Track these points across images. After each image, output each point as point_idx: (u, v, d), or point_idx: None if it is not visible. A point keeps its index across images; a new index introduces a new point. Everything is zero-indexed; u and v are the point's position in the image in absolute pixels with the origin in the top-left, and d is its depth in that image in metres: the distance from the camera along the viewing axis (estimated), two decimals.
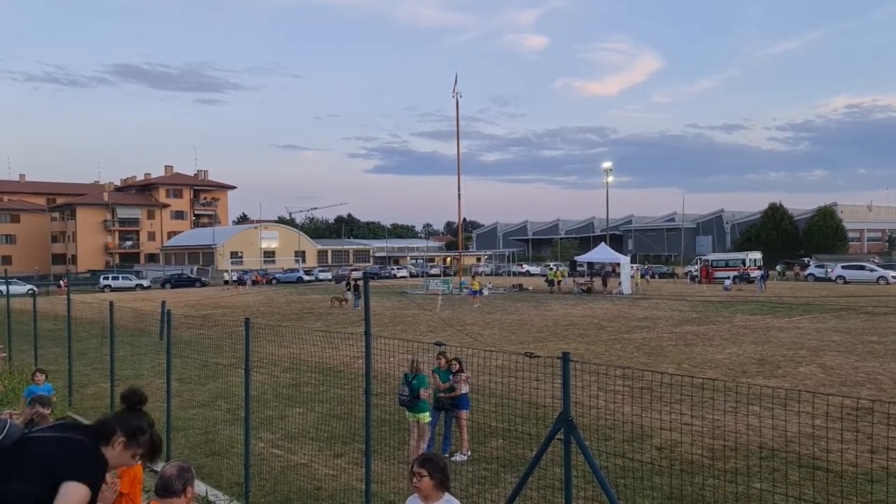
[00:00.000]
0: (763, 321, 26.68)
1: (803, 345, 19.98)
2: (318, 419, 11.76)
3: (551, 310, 33.69)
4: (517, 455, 9.55)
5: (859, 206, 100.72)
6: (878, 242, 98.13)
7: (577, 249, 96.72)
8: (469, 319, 28.98)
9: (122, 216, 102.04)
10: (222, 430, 11.28)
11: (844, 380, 14.80)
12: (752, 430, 10.44)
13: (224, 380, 14.76)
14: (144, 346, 19.06)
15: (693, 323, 26.41)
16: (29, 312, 17.25)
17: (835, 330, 23.37)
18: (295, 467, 9.24)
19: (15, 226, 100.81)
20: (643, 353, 18.90)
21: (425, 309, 32.37)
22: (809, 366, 16.55)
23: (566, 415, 4.67)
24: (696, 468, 8.82)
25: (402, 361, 14.54)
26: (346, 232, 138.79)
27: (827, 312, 29.63)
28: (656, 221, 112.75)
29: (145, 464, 5.15)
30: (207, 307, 38.51)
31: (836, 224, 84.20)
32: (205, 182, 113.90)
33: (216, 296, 51.58)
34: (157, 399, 13.49)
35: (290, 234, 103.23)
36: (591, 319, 28.55)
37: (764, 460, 9.15)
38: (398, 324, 27.61)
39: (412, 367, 9.22)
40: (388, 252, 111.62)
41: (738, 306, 33.49)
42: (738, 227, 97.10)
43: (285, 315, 33.37)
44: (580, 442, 4.64)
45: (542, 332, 24.56)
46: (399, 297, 42.35)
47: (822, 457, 9.21)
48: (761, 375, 15.35)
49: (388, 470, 8.95)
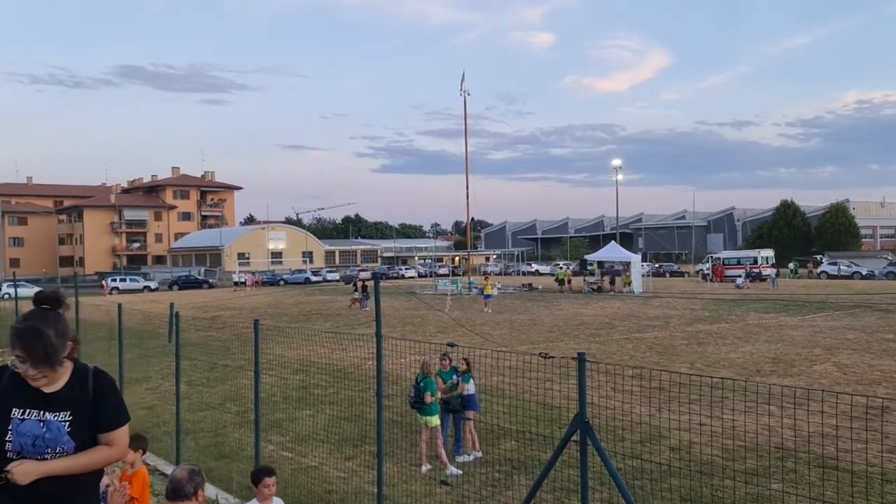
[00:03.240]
0: (776, 319, 26.44)
1: (818, 343, 19.76)
2: (329, 421, 11.67)
3: (562, 309, 33.53)
4: (530, 457, 9.43)
5: (872, 203, 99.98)
6: (891, 239, 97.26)
7: (587, 248, 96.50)
8: (479, 320, 28.87)
9: (130, 218, 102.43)
10: (232, 432, 11.21)
11: (860, 378, 14.61)
12: (768, 429, 10.29)
13: (233, 382, 14.71)
14: (153, 349, 19.03)
15: (705, 321, 26.21)
16: None
17: (849, 328, 23.12)
18: (305, 470, 9.15)
19: (23, 228, 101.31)
20: (656, 353, 18.74)
21: (435, 309, 32.29)
22: (824, 364, 16.35)
23: (582, 417, 4.55)
24: (712, 469, 8.67)
25: (411, 363, 14.45)
26: (353, 232, 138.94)
27: (841, 310, 29.35)
28: (667, 219, 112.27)
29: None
30: (215, 309, 38.54)
31: (848, 221, 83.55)
32: (212, 183, 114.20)
33: (224, 297, 51.66)
34: (166, 402, 13.48)
35: (298, 235, 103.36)
36: (603, 319, 28.37)
37: (780, 461, 9.00)
38: (407, 324, 27.52)
39: (423, 369, 9.13)
40: (397, 252, 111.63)
41: (750, 304, 33.24)
42: (750, 225, 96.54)
43: (293, 316, 33.34)
44: (597, 444, 4.52)
45: (553, 331, 24.42)
46: (408, 297, 42.27)
47: (839, 457, 9.05)
48: (776, 374, 15.17)
49: (399, 472, 8.84)
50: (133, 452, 5.33)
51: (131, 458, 5.35)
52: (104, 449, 3.09)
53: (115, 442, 3.13)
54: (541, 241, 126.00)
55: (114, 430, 3.13)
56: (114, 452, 3.16)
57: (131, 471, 5.41)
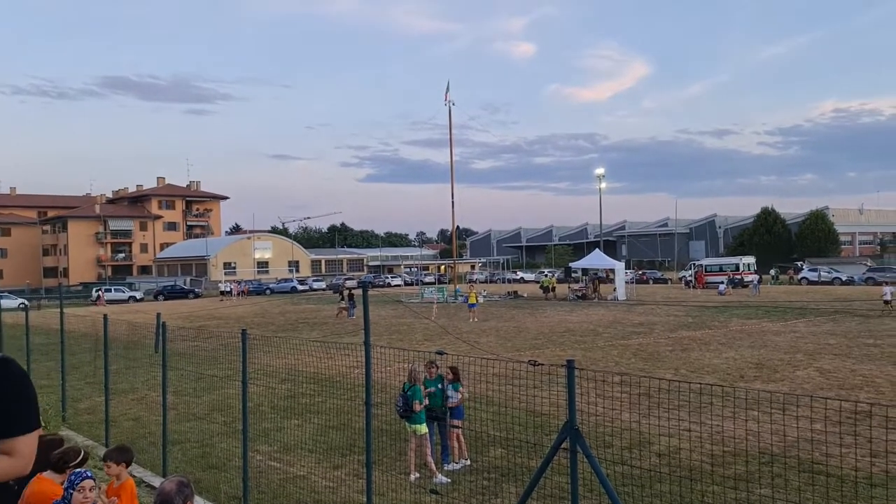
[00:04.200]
0: (759, 325, 26.69)
1: (800, 348, 19.97)
2: (316, 430, 11.65)
3: (547, 316, 33.64)
4: (518, 464, 9.47)
5: (850, 210, 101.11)
6: (870, 245, 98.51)
7: (572, 256, 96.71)
8: (465, 328, 28.90)
9: (115, 228, 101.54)
10: (219, 442, 11.17)
11: (842, 383, 14.79)
12: (753, 434, 10.39)
13: (220, 392, 14.63)
14: (139, 359, 18.89)
15: (689, 328, 26.40)
16: (20, 326, 17.09)
17: (830, 333, 23.38)
18: (293, 479, 9.13)
19: (6, 239, 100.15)
20: (640, 359, 18.86)
21: (421, 317, 32.26)
22: (807, 370, 16.53)
23: (572, 424, 4.60)
24: (698, 474, 8.75)
25: (398, 371, 14.45)
26: (339, 241, 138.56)
27: (822, 316, 29.67)
28: (650, 227, 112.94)
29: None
30: (201, 318, 38.28)
31: (828, 227, 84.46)
32: (197, 193, 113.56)
33: (210, 307, 51.34)
34: (153, 412, 13.39)
35: (284, 244, 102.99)
36: (588, 326, 28.50)
37: (765, 465, 9.10)
38: (394, 332, 27.50)
39: (410, 377, 9.14)
40: (382, 261, 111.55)
41: (733, 311, 33.51)
42: (731, 232, 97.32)
43: (280, 326, 33.21)
44: (586, 451, 4.57)
45: (539, 338, 24.50)
46: (394, 305, 42.24)
47: (823, 461, 9.16)
48: (759, 380, 15.33)
49: (388, 481, 8.85)
50: (117, 465, 5.26)
51: (116, 470, 5.27)
52: (1, 459, 2.39)
53: (17, 452, 2.42)
54: (525, 248, 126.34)
55: (15, 438, 2.42)
56: (13, 465, 2.42)
57: (118, 483, 5.33)
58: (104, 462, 5.18)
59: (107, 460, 5.27)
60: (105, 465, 5.12)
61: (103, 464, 5.09)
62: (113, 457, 5.25)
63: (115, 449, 5.41)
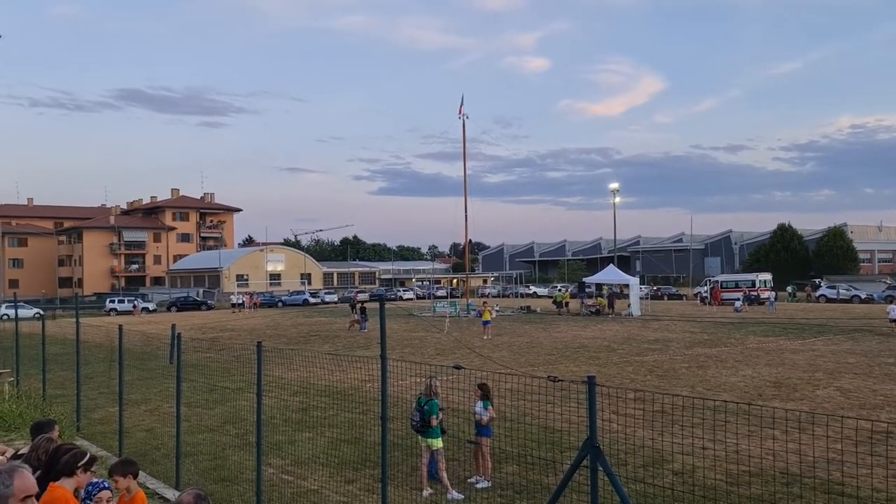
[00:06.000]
0: (776, 343, 26.37)
1: (819, 367, 19.69)
2: (329, 444, 11.57)
3: (560, 331, 33.43)
4: (532, 481, 9.34)
5: (869, 227, 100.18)
6: (889, 263, 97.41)
7: (585, 271, 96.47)
8: (478, 342, 28.77)
9: (129, 239, 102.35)
10: (231, 455, 11.11)
11: (863, 403, 14.53)
12: (772, 454, 10.21)
13: (232, 404, 14.60)
14: (152, 370, 18.93)
15: (705, 345, 26.13)
16: (35, 336, 17.16)
17: (850, 352, 23.05)
18: (306, 493, 9.05)
19: (23, 249, 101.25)
20: (656, 376, 18.65)
21: (433, 331, 32.16)
22: (827, 389, 16.28)
23: (592, 441, 4.51)
24: (717, 494, 8.59)
25: (411, 385, 14.37)
26: (351, 254, 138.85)
27: (841, 334, 29.29)
28: (664, 242, 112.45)
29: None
30: (214, 330, 38.38)
31: (846, 244, 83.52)
32: (211, 205, 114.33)
33: (222, 319, 51.48)
34: (165, 424, 13.36)
35: (296, 257, 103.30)
36: (602, 341, 28.28)
37: (786, 486, 8.91)
38: (406, 346, 27.40)
39: (427, 391, 9.06)
40: (394, 274, 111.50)
41: (749, 328, 33.16)
42: (747, 248, 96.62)
43: (292, 338, 33.21)
44: (608, 469, 4.47)
45: (553, 354, 24.32)
46: (406, 318, 42.14)
47: (845, 482, 8.96)
48: (778, 398, 15.09)
49: (401, 497, 8.75)
50: (124, 479, 5.19)
51: (125, 483, 5.19)
52: None
53: None
54: (538, 263, 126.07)
55: None
56: None
57: (129, 496, 5.27)
58: (111, 478, 5.12)
59: (113, 475, 5.21)
60: (113, 481, 5.05)
61: (111, 479, 5.03)
62: (119, 470, 5.19)
63: (120, 462, 5.34)
